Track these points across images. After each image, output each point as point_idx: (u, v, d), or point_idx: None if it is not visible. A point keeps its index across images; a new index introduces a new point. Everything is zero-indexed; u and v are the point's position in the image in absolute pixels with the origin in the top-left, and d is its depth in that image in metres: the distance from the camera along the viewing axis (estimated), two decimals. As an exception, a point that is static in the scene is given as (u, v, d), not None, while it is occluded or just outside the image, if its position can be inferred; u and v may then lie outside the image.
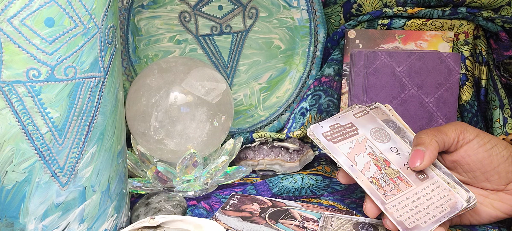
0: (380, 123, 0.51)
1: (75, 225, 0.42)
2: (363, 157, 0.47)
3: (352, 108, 0.52)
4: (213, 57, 0.78)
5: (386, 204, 0.44)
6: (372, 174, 0.46)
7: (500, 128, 0.71)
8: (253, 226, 0.49)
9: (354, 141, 0.49)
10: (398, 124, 0.52)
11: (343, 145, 0.48)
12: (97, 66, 0.41)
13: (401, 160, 0.48)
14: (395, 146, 0.49)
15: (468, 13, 0.71)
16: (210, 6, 0.75)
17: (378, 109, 0.53)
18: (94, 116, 0.41)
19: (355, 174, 0.46)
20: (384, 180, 0.46)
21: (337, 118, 0.51)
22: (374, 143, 0.49)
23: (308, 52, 0.79)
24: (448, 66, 0.63)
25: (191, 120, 0.60)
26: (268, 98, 0.80)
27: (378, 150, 0.48)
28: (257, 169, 0.70)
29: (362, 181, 0.45)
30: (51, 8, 0.37)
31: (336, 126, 0.50)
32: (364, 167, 0.47)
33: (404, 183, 0.46)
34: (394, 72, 0.64)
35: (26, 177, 0.39)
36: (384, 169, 0.47)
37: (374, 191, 0.45)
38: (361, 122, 0.51)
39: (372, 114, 0.52)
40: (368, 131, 0.50)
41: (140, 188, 0.58)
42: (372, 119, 0.51)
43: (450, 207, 0.44)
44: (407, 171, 0.47)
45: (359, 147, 0.48)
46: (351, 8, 0.77)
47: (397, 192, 0.45)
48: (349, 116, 0.51)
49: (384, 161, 0.47)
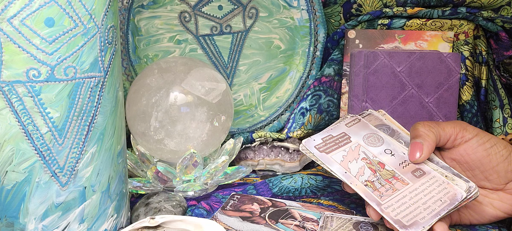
0: (373, 129, 0.51)
1: (75, 225, 0.42)
2: (356, 162, 0.47)
3: (344, 119, 0.52)
4: (213, 57, 0.78)
5: (382, 205, 0.44)
6: (367, 178, 0.46)
7: (500, 128, 0.71)
8: (253, 226, 0.49)
9: (347, 149, 0.49)
10: (392, 127, 0.52)
11: (336, 154, 0.48)
12: (97, 66, 0.41)
13: (396, 160, 0.48)
14: (389, 147, 0.49)
15: (468, 13, 0.71)
16: (210, 6, 0.75)
17: (370, 116, 0.53)
18: (94, 116, 0.41)
19: (349, 180, 0.46)
20: (379, 182, 0.46)
21: (329, 130, 0.51)
22: (367, 148, 0.49)
23: (308, 52, 0.79)
24: (448, 66, 0.63)
25: (191, 120, 0.60)
26: (268, 98, 0.80)
27: (371, 154, 0.48)
28: (257, 169, 0.70)
29: (357, 186, 0.46)
30: (51, 8, 0.37)
31: (328, 137, 0.50)
32: (358, 172, 0.47)
33: (400, 182, 0.46)
34: (394, 72, 0.64)
35: (26, 177, 0.39)
36: (379, 171, 0.47)
37: (369, 194, 0.45)
38: (354, 130, 0.51)
39: (364, 122, 0.52)
40: (361, 138, 0.50)
41: (140, 188, 0.58)
42: (364, 126, 0.51)
43: (450, 199, 0.43)
44: (403, 170, 0.47)
45: (352, 154, 0.48)
46: (351, 8, 0.77)
47: (393, 191, 0.45)
48: (341, 126, 0.51)
49: (379, 163, 0.47)
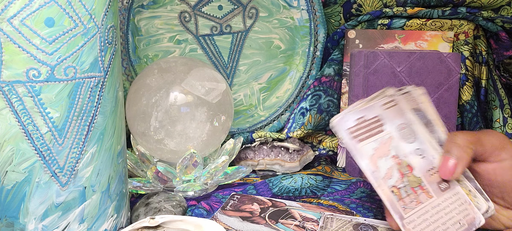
0: (408, 117, 0.46)
1: (75, 225, 0.42)
2: (386, 161, 0.44)
3: (381, 97, 0.47)
4: (213, 57, 0.78)
5: (404, 219, 0.42)
6: (394, 182, 0.43)
7: (500, 128, 0.71)
8: (253, 226, 0.49)
9: (379, 139, 0.45)
10: (428, 116, 0.47)
11: (367, 145, 0.45)
12: (97, 66, 0.41)
13: (424, 165, 0.44)
14: (421, 146, 0.45)
15: (468, 13, 0.71)
16: (210, 6, 0.75)
17: (409, 95, 0.48)
18: (94, 116, 0.41)
19: (377, 182, 0.43)
20: (405, 190, 0.43)
21: (364, 109, 0.46)
22: (399, 143, 0.45)
23: (308, 52, 0.79)
24: (448, 66, 0.63)
25: (191, 120, 0.60)
26: (268, 98, 0.80)
27: (402, 152, 0.45)
28: (257, 169, 0.70)
29: (383, 190, 0.43)
30: (51, 8, 0.37)
31: (362, 120, 0.46)
32: (386, 173, 0.44)
33: (424, 194, 0.43)
34: (394, 72, 0.64)
35: (26, 177, 0.39)
36: (407, 176, 0.44)
37: (394, 203, 0.42)
38: (388, 116, 0.46)
39: (400, 107, 0.47)
40: (394, 127, 0.46)
41: (140, 188, 0.58)
42: (400, 112, 0.46)
43: (468, 223, 0.42)
44: (429, 179, 0.44)
45: (383, 148, 0.45)
46: (351, 8, 0.77)
47: (416, 204, 0.42)
48: (376, 107, 0.46)
49: (408, 166, 0.44)
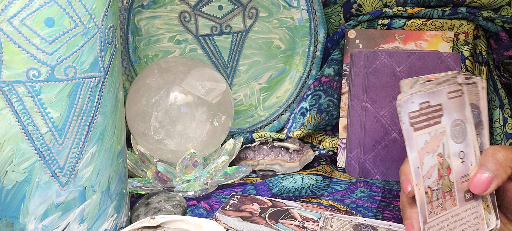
0: (466, 113, 0.45)
1: (75, 225, 0.42)
2: (432, 157, 0.43)
3: (451, 82, 0.45)
4: (213, 57, 0.78)
5: (426, 224, 0.41)
6: (430, 183, 0.42)
7: (500, 128, 0.71)
8: (253, 226, 0.49)
9: (433, 132, 0.43)
10: (481, 116, 0.45)
11: (421, 135, 0.42)
12: (97, 66, 0.41)
13: (461, 170, 0.43)
14: (465, 150, 0.44)
15: (468, 13, 0.71)
16: (210, 6, 0.75)
17: (474, 87, 0.46)
18: (94, 116, 0.41)
19: (417, 179, 0.42)
20: (436, 193, 0.42)
21: (431, 93, 0.43)
22: (448, 141, 0.43)
23: (308, 52, 0.79)
24: (448, 66, 0.63)
25: (191, 120, 0.60)
26: (268, 98, 0.80)
27: (448, 152, 0.43)
28: (257, 169, 0.70)
29: (419, 190, 0.42)
30: (51, 8, 0.37)
31: (426, 105, 0.43)
32: (428, 172, 0.42)
33: (451, 201, 0.42)
34: (394, 72, 0.64)
35: (26, 177, 0.39)
36: (443, 178, 0.43)
37: (423, 205, 0.41)
38: (450, 106, 0.44)
39: (463, 99, 0.45)
40: (450, 122, 0.44)
41: (140, 188, 0.58)
42: (461, 106, 0.45)
43: None
44: (460, 187, 0.43)
45: (433, 143, 0.43)
46: (351, 8, 0.77)
47: (441, 210, 0.42)
48: (443, 94, 0.44)
49: (447, 168, 0.43)
